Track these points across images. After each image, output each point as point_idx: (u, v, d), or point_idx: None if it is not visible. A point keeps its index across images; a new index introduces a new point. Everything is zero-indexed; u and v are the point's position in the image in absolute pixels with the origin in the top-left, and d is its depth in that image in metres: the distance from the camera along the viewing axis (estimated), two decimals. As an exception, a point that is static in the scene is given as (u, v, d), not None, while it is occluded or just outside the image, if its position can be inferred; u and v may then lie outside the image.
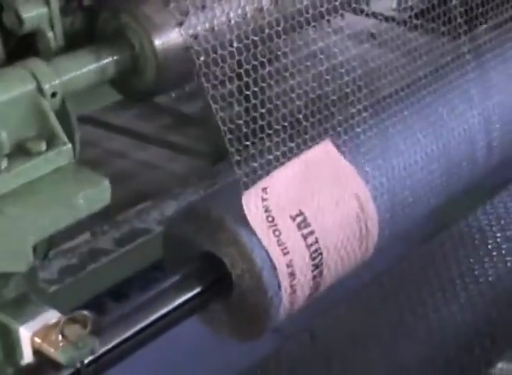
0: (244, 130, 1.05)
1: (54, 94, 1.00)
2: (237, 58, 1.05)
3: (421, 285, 1.60)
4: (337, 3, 1.13)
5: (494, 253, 1.69)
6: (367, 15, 1.27)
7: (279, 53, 1.09)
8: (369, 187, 1.15)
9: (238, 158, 1.03)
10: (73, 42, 1.10)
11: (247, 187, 1.05)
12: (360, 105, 1.15)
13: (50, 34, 1.06)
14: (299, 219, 1.07)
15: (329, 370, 1.51)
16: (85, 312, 0.95)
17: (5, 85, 0.99)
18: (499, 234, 1.74)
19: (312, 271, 1.09)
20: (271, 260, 1.05)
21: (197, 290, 1.09)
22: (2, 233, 0.94)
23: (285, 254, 1.06)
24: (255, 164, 1.06)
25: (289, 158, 1.09)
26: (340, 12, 1.13)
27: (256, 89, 1.06)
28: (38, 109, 0.99)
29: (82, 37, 1.12)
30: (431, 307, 1.56)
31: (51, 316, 0.98)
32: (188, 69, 1.06)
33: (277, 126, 1.08)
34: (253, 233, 1.05)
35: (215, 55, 1.03)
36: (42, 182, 0.97)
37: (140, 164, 2.58)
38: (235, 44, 1.06)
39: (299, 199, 1.08)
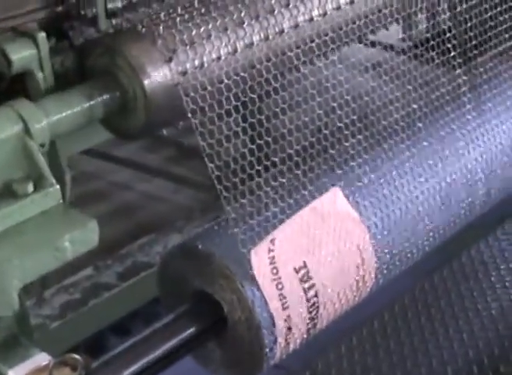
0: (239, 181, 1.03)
1: (42, 146, 1.00)
2: (226, 94, 1.04)
3: (423, 321, 1.58)
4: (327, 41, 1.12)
5: (497, 286, 1.67)
6: (373, 45, 1.25)
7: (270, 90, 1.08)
8: (369, 232, 1.12)
9: (234, 216, 1.01)
10: (63, 81, 1.10)
11: (244, 245, 1.02)
12: (358, 145, 1.14)
13: (39, 75, 1.06)
14: (302, 271, 1.05)
15: (330, 408, 1.49)
16: (75, 356, 0.94)
17: (-8, 126, 0.98)
18: (502, 267, 1.71)
19: (307, 324, 1.07)
20: (270, 315, 1.03)
21: (191, 331, 1.07)
22: (-13, 277, 0.93)
23: (284, 309, 1.04)
24: (253, 221, 1.03)
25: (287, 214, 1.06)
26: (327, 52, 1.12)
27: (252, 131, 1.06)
28: (25, 150, 0.99)
29: (72, 76, 1.11)
30: (433, 343, 1.54)
31: (41, 359, 0.96)
32: (178, 107, 1.05)
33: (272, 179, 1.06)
34: (254, 282, 1.03)
35: (203, 92, 1.02)
36: (28, 224, 0.96)
37: (144, 196, 2.57)
38: (224, 81, 1.05)
39: (304, 250, 1.06)
